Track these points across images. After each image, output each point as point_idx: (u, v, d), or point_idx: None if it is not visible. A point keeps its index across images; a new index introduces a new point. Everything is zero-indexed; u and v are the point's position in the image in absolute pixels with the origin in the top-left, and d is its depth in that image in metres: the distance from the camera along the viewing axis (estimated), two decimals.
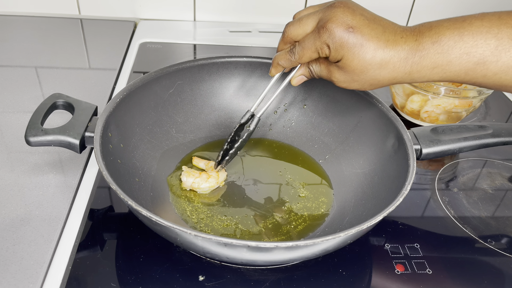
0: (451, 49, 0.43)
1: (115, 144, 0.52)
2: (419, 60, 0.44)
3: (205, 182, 0.57)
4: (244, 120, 0.57)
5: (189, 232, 0.39)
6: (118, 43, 0.91)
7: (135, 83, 0.57)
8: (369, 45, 0.44)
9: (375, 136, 0.58)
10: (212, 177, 0.57)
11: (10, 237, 0.48)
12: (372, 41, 0.44)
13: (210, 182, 0.57)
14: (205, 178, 0.57)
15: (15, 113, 0.68)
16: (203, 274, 0.46)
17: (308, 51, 0.47)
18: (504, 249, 0.53)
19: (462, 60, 0.43)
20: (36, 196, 0.54)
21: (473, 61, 0.43)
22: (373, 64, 0.44)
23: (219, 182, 0.58)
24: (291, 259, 0.46)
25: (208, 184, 0.57)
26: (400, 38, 0.44)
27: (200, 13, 1.02)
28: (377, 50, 0.44)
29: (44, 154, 0.60)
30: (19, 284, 0.44)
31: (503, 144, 0.57)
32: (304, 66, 0.51)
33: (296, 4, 1.01)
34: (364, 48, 0.44)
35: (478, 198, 0.60)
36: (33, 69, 0.80)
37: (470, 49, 0.42)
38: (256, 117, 0.56)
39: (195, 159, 0.61)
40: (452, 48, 0.43)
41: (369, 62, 0.44)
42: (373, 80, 0.46)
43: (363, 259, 0.50)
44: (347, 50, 0.44)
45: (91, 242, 0.49)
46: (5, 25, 0.94)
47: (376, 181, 0.54)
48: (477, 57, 0.42)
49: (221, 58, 0.65)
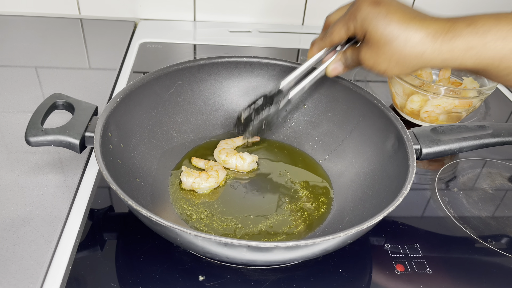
0: (487, 31, 0.41)
1: (115, 144, 0.52)
2: (450, 39, 0.42)
3: (205, 182, 0.57)
4: (271, 93, 0.56)
5: (189, 232, 0.39)
6: (118, 43, 0.91)
7: (135, 83, 0.57)
8: (393, 16, 0.43)
9: (375, 136, 0.58)
10: (212, 177, 0.57)
11: (10, 237, 0.48)
12: (397, 14, 0.43)
13: (210, 182, 0.57)
14: (205, 178, 0.57)
15: (15, 113, 0.68)
16: (203, 274, 0.46)
17: (336, 26, 0.49)
18: (504, 249, 0.53)
19: (497, 45, 0.41)
20: (36, 196, 0.54)
21: (510, 47, 0.41)
22: (398, 35, 0.43)
23: (219, 181, 0.58)
24: (291, 259, 0.46)
25: (208, 183, 0.57)
26: (430, 18, 0.43)
27: (200, 13, 1.02)
28: (402, 21, 0.43)
29: (44, 154, 0.60)
30: (19, 284, 0.44)
31: (503, 144, 0.57)
32: (340, 54, 0.52)
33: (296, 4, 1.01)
34: (388, 18, 0.43)
35: (478, 198, 0.60)
36: (33, 69, 0.80)
37: (507, 34, 0.41)
38: (288, 96, 0.56)
39: (194, 159, 0.61)
40: (488, 32, 0.41)
41: (393, 33, 0.43)
42: (398, 55, 0.44)
43: (363, 259, 0.50)
44: (370, 21, 0.44)
45: (91, 242, 0.49)
46: (5, 25, 0.94)
47: (376, 181, 0.54)
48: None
49: (221, 58, 0.65)
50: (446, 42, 0.42)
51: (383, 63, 0.46)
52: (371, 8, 0.44)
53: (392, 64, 0.46)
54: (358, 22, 0.46)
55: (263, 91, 0.59)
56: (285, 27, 1.03)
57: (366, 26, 0.45)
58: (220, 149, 0.62)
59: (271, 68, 0.66)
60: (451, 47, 0.42)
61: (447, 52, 0.43)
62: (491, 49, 0.42)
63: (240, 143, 0.65)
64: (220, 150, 0.62)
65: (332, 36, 0.50)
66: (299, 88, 0.56)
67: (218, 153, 0.61)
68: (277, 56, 0.87)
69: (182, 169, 0.59)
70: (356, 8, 0.46)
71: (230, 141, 0.64)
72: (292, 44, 0.96)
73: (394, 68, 0.46)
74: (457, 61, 0.43)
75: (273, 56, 0.67)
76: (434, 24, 0.43)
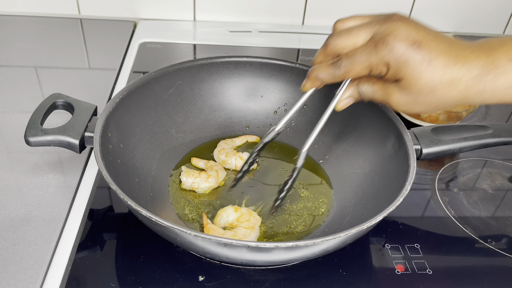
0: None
1: (114, 144, 0.52)
2: (493, 79, 0.39)
3: (205, 182, 0.56)
4: (268, 139, 0.52)
5: (189, 232, 0.39)
6: (118, 43, 0.91)
7: (135, 83, 0.57)
8: (437, 61, 0.39)
9: (375, 136, 0.58)
10: (212, 177, 0.57)
11: (10, 237, 0.48)
12: (441, 57, 0.39)
13: (210, 182, 0.57)
14: (204, 177, 0.57)
15: (15, 113, 0.68)
16: (203, 274, 0.46)
17: (358, 65, 0.41)
18: (504, 249, 0.53)
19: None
20: (36, 196, 0.54)
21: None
22: (443, 83, 0.39)
23: (219, 181, 0.58)
24: (291, 259, 0.46)
25: (208, 183, 0.57)
26: (470, 54, 0.40)
27: (200, 13, 1.02)
28: (447, 67, 0.39)
29: (44, 154, 0.60)
30: (19, 284, 0.44)
31: (503, 144, 0.57)
32: (353, 87, 0.45)
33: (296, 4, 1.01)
34: (433, 64, 0.39)
35: (478, 198, 0.60)
36: (33, 69, 0.80)
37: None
38: (303, 152, 0.50)
39: (194, 159, 0.61)
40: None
41: (438, 81, 0.39)
42: (440, 102, 0.41)
43: (363, 259, 0.50)
44: (412, 68, 0.39)
45: (91, 242, 0.49)
46: (5, 25, 0.94)
47: (376, 181, 0.54)
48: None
49: (221, 58, 0.64)
50: (489, 83, 0.40)
51: (419, 107, 0.42)
52: (411, 52, 0.39)
53: (429, 108, 0.42)
54: (393, 67, 0.40)
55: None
56: (285, 27, 1.03)
57: (403, 73, 0.40)
58: (220, 149, 0.62)
59: (271, 68, 0.66)
60: (494, 87, 0.40)
61: (490, 92, 0.40)
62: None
63: (240, 143, 0.65)
64: (220, 150, 0.62)
65: (350, 75, 0.42)
66: (311, 140, 0.50)
67: (218, 153, 0.61)
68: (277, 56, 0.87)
69: (182, 169, 0.58)
70: (390, 52, 0.39)
71: (230, 141, 0.64)
72: (292, 44, 0.96)
73: (430, 110, 0.43)
74: (497, 99, 0.41)
75: (273, 56, 0.67)
76: (476, 61, 0.39)
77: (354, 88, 0.45)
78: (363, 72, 0.42)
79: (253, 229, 0.50)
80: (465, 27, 1.04)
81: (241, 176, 0.55)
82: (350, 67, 0.42)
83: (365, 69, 0.41)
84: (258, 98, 0.67)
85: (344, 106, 0.47)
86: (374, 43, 0.40)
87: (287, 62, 0.65)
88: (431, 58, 0.39)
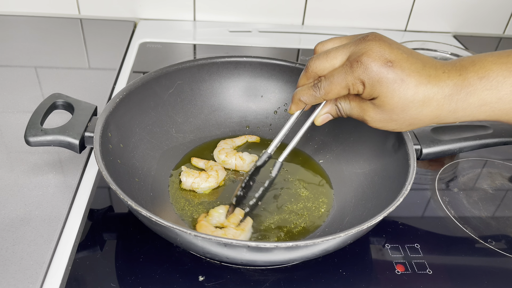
0: (500, 85, 0.40)
1: (114, 144, 0.52)
2: (465, 97, 0.40)
3: (205, 182, 0.56)
4: (260, 162, 0.52)
5: (189, 232, 0.39)
6: (118, 43, 0.91)
7: (135, 83, 0.57)
8: (410, 80, 0.40)
9: (375, 136, 0.58)
10: (212, 177, 0.57)
11: (10, 237, 0.48)
12: (413, 76, 0.40)
13: (210, 182, 0.57)
14: (204, 177, 0.57)
15: (15, 113, 0.68)
16: (203, 274, 0.46)
17: (336, 86, 0.43)
18: (504, 249, 0.53)
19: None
20: (36, 196, 0.54)
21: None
22: (415, 101, 0.41)
23: (219, 181, 0.58)
24: (291, 259, 0.46)
25: (208, 183, 0.57)
26: (442, 73, 0.41)
27: (200, 13, 1.02)
28: (419, 86, 0.40)
29: (44, 154, 0.60)
30: (19, 284, 0.44)
31: (503, 144, 0.57)
32: (331, 104, 0.47)
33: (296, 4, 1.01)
34: (405, 83, 0.40)
35: (478, 198, 0.60)
36: (33, 69, 0.80)
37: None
38: (279, 162, 0.51)
39: (194, 159, 0.61)
40: (502, 84, 0.40)
41: (410, 100, 0.41)
42: (413, 119, 0.42)
43: (363, 259, 0.50)
44: (386, 87, 0.40)
45: (91, 242, 0.49)
46: (5, 25, 0.94)
47: (376, 181, 0.54)
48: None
49: (221, 58, 0.65)
50: (461, 102, 0.41)
51: (394, 125, 0.44)
52: (384, 71, 0.40)
53: (403, 126, 0.44)
54: (368, 85, 0.41)
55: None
56: (285, 27, 1.03)
57: (378, 91, 0.41)
58: (220, 149, 0.62)
59: (271, 68, 0.66)
60: (466, 105, 0.41)
61: (462, 110, 0.41)
62: (506, 102, 0.40)
63: (240, 143, 0.65)
64: (220, 150, 0.62)
65: (330, 95, 0.44)
66: (288, 152, 0.51)
67: (218, 153, 0.61)
68: (277, 56, 0.87)
69: (182, 169, 0.58)
70: (365, 71, 0.40)
71: (230, 141, 0.64)
72: (292, 44, 0.96)
73: (405, 128, 0.44)
74: (470, 117, 0.42)
75: (273, 56, 0.67)
76: (448, 80, 0.41)
77: (332, 104, 0.47)
78: (342, 92, 0.43)
79: (243, 231, 0.50)
80: (465, 27, 1.04)
81: (241, 196, 0.53)
82: (329, 88, 0.43)
83: (343, 89, 0.43)
84: (258, 98, 0.67)
85: (323, 121, 0.49)
86: (349, 64, 0.41)
87: (287, 62, 0.65)
88: (403, 77, 0.40)
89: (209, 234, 0.47)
